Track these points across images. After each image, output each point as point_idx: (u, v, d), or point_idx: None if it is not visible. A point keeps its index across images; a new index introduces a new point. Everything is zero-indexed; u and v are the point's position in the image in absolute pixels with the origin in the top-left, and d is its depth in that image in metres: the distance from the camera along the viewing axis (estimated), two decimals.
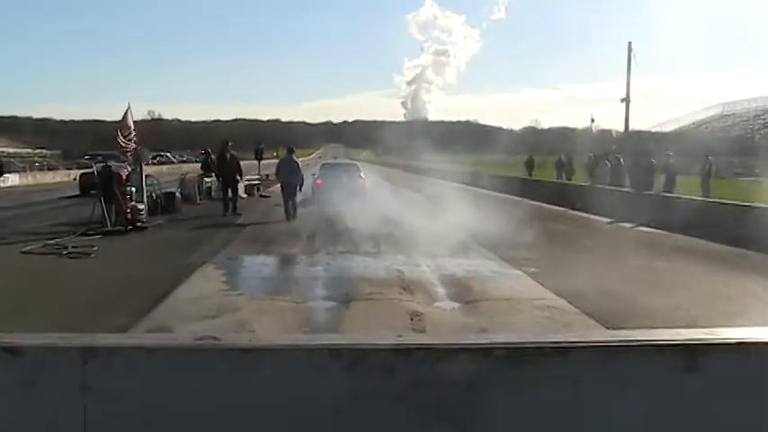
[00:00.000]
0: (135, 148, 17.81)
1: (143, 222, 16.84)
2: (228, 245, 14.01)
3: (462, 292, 9.40)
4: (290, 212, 19.00)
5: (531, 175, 37.36)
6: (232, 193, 20.59)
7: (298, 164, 19.84)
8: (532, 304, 8.56)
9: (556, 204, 23.38)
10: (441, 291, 9.54)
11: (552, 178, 33.17)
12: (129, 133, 17.36)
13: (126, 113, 17.58)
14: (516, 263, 11.44)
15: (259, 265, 11.91)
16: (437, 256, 12.23)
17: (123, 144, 17.12)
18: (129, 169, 18.32)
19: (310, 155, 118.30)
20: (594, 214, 19.68)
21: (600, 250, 13.63)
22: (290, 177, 19.24)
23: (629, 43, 41.73)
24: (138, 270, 10.77)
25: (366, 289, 9.40)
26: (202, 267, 11.17)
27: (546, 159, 41.21)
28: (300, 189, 19.62)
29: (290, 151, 20.75)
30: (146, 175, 19.75)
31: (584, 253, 13.18)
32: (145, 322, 7.43)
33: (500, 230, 14.87)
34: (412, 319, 7.80)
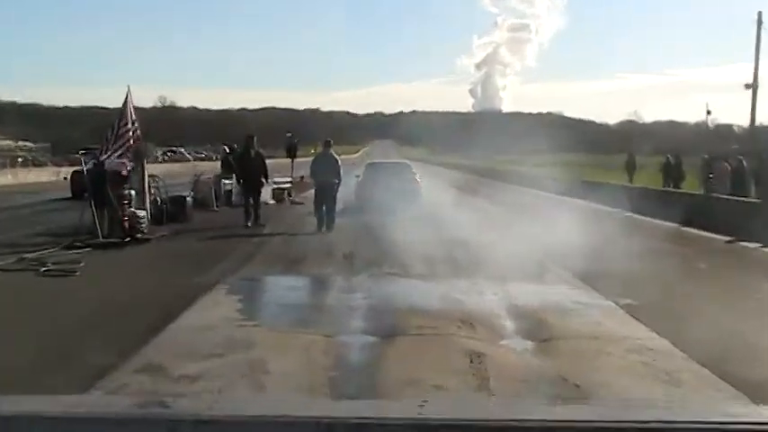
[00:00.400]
0: (135, 143, 17.91)
1: (144, 233, 16.99)
2: (247, 263, 14.05)
3: (537, 327, 9.23)
4: (324, 221, 19.32)
5: (631, 180, 36.87)
6: (255, 199, 20.55)
7: (336, 160, 20.09)
8: (626, 345, 8.32)
9: (659, 218, 22.91)
10: (510, 325, 9.46)
11: (657, 185, 32.65)
12: (126, 123, 17.47)
13: (126, 99, 17.72)
14: (607, 291, 11.25)
15: (284, 288, 11.96)
16: (506, 280, 12.12)
17: (112, 139, 17.21)
18: (129, 168, 18.39)
19: (356, 152, 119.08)
20: (709, 231, 19.23)
21: (717, 278, 13.32)
22: (326, 177, 19.55)
23: (759, 14, 40.73)
24: (133, 292, 10.81)
25: (416, 321, 9.34)
26: (213, 290, 11.19)
27: (650, 160, 40.60)
28: (337, 191, 19.88)
29: (327, 145, 21.00)
30: (150, 176, 19.92)
31: (696, 281, 12.84)
32: (133, 361, 7.35)
33: (586, 249, 14.57)
34: (471, 362, 7.63)
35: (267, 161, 21.66)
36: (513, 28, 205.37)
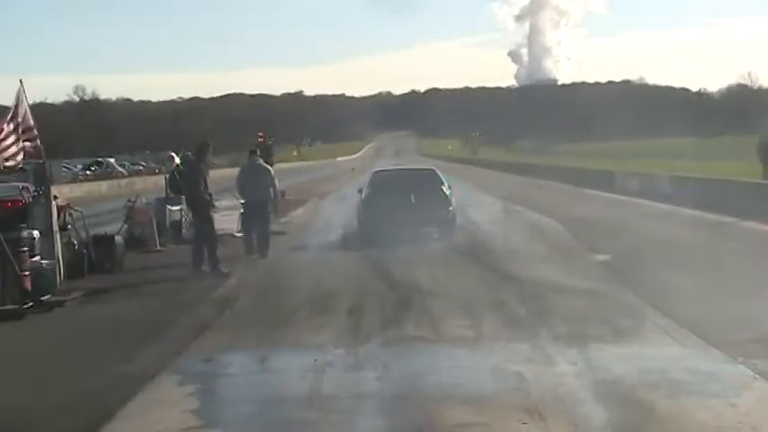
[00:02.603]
0: (31, 154, 17.49)
1: (53, 294, 16.67)
2: (204, 333, 13.90)
3: (638, 416, 9.05)
4: (254, 246, 21.82)
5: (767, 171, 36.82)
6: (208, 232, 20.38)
7: (268, 171, 22.61)
8: None
9: None
10: (598, 415, 9.30)
11: None
12: (17, 129, 17.06)
13: (18, 96, 17.39)
14: (736, 350, 11.10)
15: (258, 372, 11.78)
16: (587, 339, 12.19)
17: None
18: (30, 195, 17.97)
19: (356, 152, 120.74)
20: None
21: None
22: (253, 192, 21.81)
23: None
24: (25, 394, 10.44)
25: (456, 415, 9.22)
26: (153, 383, 10.92)
27: None
28: (275, 209, 23.05)
29: (254, 153, 23.52)
30: (62, 206, 19.59)
31: None
32: None
33: (701, 286, 14.45)
34: None
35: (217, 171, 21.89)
36: None
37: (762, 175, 36.24)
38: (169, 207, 26.34)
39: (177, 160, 25.21)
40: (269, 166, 23.05)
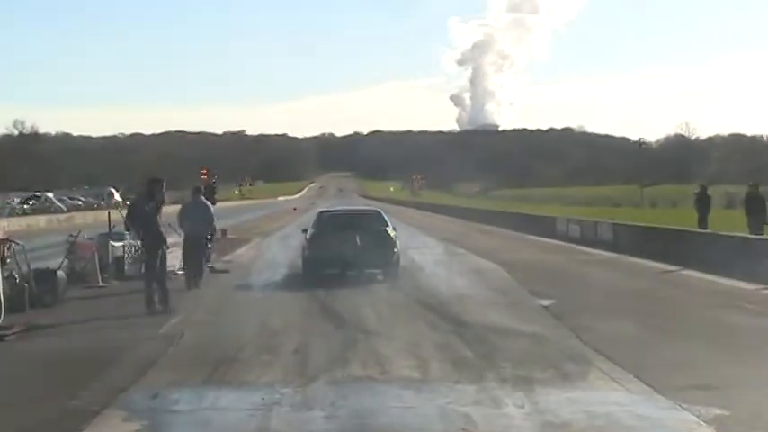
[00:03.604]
0: None
1: None
2: (150, 370, 13.68)
3: None
4: (193, 277, 23.45)
5: (703, 221, 37.23)
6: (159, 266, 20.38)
7: (208, 207, 24.64)
8: None
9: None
10: None
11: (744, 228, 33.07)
12: None
13: None
14: (680, 396, 11.14)
15: (205, 409, 11.52)
16: (533, 383, 12.13)
17: None
18: None
19: (298, 192, 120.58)
20: None
21: None
22: (193, 227, 23.45)
23: None
24: None
25: None
26: (100, 419, 10.76)
27: (729, 190, 41.24)
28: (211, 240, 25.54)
29: (198, 191, 25.30)
30: (0, 239, 19.41)
31: None
32: None
33: (644, 332, 14.60)
34: None
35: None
36: (515, 6, 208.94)
37: (697, 224, 36.75)
38: (112, 243, 26.16)
39: (117, 196, 25.25)
40: (210, 204, 24.80)
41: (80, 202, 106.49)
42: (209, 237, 24.98)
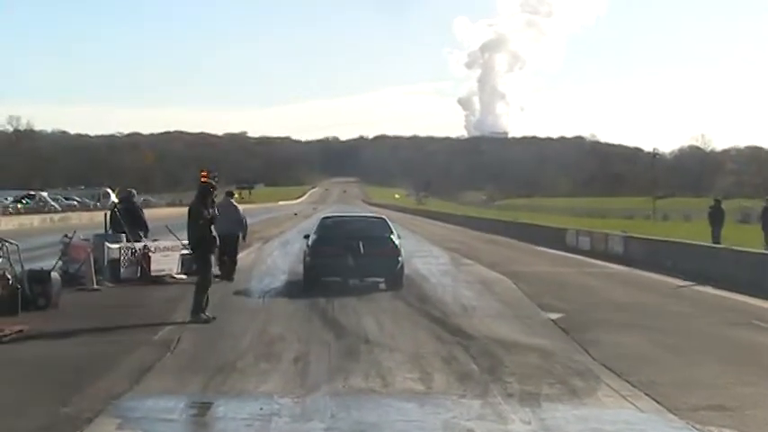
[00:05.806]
0: None
1: None
2: (145, 376, 13.64)
3: None
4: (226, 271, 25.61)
5: (717, 235, 37.31)
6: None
7: (237, 208, 26.99)
8: None
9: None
10: None
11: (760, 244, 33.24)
12: None
13: None
14: (692, 416, 11.16)
15: (200, 419, 11.63)
16: (540, 398, 12.13)
17: None
18: None
19: (299, 196, 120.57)
20: None
21: None
22: (227, 227, 23.71)
23: None
24: None
25: None
26: (93, 426, 10.73)
27: (744, 203, 41.50)
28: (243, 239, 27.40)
29: (230, 195, 28.04)
30: None
31: None
32: None
33: (654, 348, 14.54)
34: None
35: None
36: (528, 7, 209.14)
37: (711, 239, 36.78)
38: (108, 244, 26.03)
39: (113, 197, 25.22)
40: (238, 206, 27.70)
41: (75, 202, 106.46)
42: (241, 236, 27.17)
